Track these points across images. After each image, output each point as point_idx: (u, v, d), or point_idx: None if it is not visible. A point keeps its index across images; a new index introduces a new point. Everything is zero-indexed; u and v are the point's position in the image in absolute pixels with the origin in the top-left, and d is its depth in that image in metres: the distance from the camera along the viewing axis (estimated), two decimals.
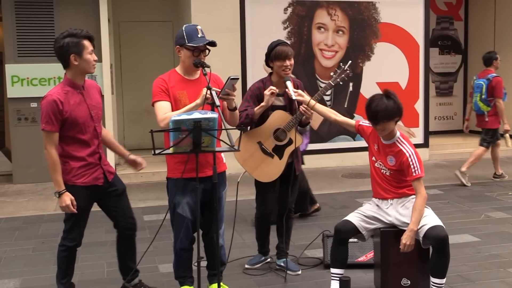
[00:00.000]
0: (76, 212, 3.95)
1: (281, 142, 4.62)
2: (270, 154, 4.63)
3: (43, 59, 9.09)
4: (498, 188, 8.15)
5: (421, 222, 3.99)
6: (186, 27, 3.86)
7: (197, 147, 3.48)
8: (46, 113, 3.86)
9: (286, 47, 4.56)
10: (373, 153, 4.24)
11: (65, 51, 3.89)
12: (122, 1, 10.68)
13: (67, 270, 4.18)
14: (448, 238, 3.92)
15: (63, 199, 3.89)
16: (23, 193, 8.50)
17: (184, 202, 3.86)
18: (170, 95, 3.82)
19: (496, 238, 5.80)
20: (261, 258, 5.07)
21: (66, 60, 3.91)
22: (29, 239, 6.09)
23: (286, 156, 4.62)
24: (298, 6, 9.87)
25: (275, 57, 4.54)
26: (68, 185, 3.94)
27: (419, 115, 10.65)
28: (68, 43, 3.88)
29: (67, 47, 3.89)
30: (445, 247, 3.91)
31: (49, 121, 3.86)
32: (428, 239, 3.94)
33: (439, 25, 12.81)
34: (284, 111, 4.60)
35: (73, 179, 3.97)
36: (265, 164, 4.63)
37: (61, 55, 3.93)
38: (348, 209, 6.71)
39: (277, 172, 4.64)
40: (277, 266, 4.94)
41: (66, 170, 3.95)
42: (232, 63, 9.35)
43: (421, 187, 4.03)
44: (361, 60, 10.26)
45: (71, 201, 3.89)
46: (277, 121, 4.59)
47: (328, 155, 10.03)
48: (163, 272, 4.94)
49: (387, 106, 3.99)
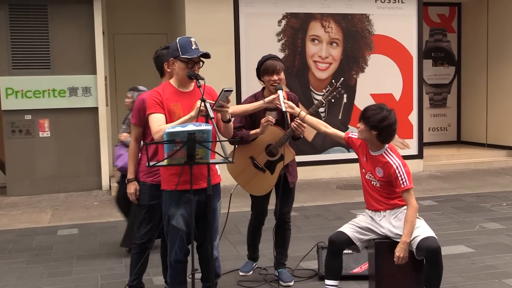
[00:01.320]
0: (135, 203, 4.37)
1: (273, 158, 4.66)
2: (262, 169, 4.68)
3: (38, 71, 9.11)
4: (493, 199, 8.16)
5: (414, 233, 3.99)
6: (180, 39, 3.87)
7: (191, 159, 3.48)
8: None
9: (276, 61, 4.58)
10: (362, 165, 4.26)
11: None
12: (117, 14, 10.71)
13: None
14: (441, 249, 3.92)
15: (128, 186, 4.29)
16: (17, 205, 8.47)
17: (178, 214, 3.85)
18: (164, 107, 3.83)
19: (491, 249, 5.81)
20: (253, 265, 5.15)
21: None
22: (22, 252, 6.06)
23: (278, 171, 4.67)
24: (292, 18, 9.92)
25: (264, 72, 4.59)
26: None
27: (413, 126, 10.68)
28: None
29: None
30: (437, 258, 3.90)
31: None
32: (421, 250, 3.94)
33: (432, 37, 12.89)
34: (276, 127, 4.63)
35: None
36: (257, 179, 4.69)
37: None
38: (343, 220, 6.71)
39: (269, 187, 4.72)
40: (275, 276, 4.94)
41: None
42: (227, 75, 9.38)
43: (411, 198, 4.03)
44: (355, 72, 10.31)
45: (135, 191, 4.27)
46: (269, 136, 4.63)
47: (322, 166, 10.05)
48: (158, 284, 4.92)
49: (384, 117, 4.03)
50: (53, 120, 9.17)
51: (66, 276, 5.27)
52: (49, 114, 9.17)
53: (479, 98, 12.38)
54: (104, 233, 6.77)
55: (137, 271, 4.42)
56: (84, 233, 6.71)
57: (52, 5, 9.15)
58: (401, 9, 10.46)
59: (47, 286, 5.04)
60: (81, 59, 9.29)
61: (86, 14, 9.24)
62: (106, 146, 9.44)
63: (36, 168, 9.23)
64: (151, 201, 4.24)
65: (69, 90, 9.20)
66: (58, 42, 9.21)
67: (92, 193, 9.13)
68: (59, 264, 5.61)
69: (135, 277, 4.44)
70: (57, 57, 9.20)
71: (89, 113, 9.32)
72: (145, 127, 4.17)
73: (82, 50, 9.31)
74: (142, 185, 4.28)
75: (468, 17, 12.81)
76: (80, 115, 9.32)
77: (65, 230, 6.90)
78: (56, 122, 9.14)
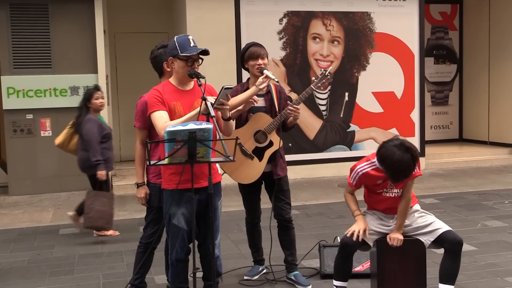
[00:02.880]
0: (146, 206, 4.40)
1: (261, 144, 4.63)
2: (250, 156, 4.64)
3: (39, 71, 9.11)
4: (495, 197, 8.15)
5: (433, 225, 4.02)
6: (177, 37, 3.87)
7: (192, 158, 3.47)
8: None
9: (260, 47, 4.66)
10: (377, 188, 4.13)
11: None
12: (118, 13, 10.70)
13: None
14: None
15: (138, 191, 4.33)
16: (18, 204, 8.48)
17: (179, 213, 3.85)
18: (165, 105, 3.82)
19: (493, 247, 5.80)
20: (259, 269, 5.06)
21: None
22: (24, 251, 6.07)
23: (266, 158, 4.63)
24: (293, 16, 9.90)
25: (249, 57, 4.65)
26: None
27: (414, 124, 10.66)
28: None
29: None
30: (460, 251, 3.95)
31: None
32: (443, 243, 3.97)
33: (434, 35, 12.87)
34: (265, 113, 4.63)
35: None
36: (245, 166, 4.64)
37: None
38: (345, 219, 6.70)
39: (256, 174, 4.66)
40: (287, 279, 4.88)
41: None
42: (228, 73, 9.37)
43: (410, 189, 4.02)
44: (357, 70, 10.29)
45: (145, 195, 4.30)
46: (258, 123, 4.63)
47: (324, 165, 10.04)
48: (159, 283, 4.92)
49: (409, 166, 3.79)
50: (55, 119, 9.17)
51: (67, 275, 5.28)
52: (50, 113, 9.17)
53: (481, 96, 12.36)
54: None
55: (141, 270, 4.42)
56: (85, 232, 6.70)
57: (53, 4, 9.15)
58: (402, 6, 10.44)
59: (48, 285, 5.04)
60: (82, 58, 9.29)
61: (87, 13, 9.24)
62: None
63: (37, 167, 9.23)
64: (161, 203, 4.19)
65: (70, 89, 9.20)
66: (59, 41, 9.21)
67: None
68: (60, 263, 5.61)
69: (138, 276, 4.44)
70: (58, 56, 9.20)
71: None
72: (150, 129, 4.17)
73: (83, 49, 9.30)
74: (152, 186, 4.28)
75: (469, 15, 12.78)
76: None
77: (67, 229, 6.90)
78: (58, 121, 9.13)
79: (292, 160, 9.53)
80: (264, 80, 4.47)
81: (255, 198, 4.89)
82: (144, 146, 4.25)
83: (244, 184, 4.77)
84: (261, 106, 4.69)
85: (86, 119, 6.29)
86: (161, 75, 4.31)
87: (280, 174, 4.74)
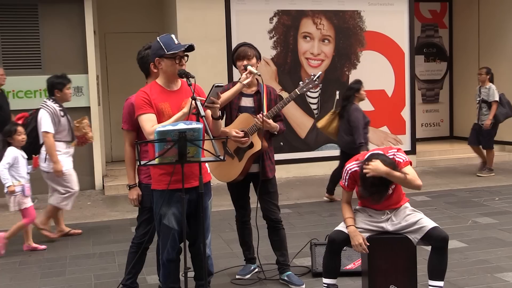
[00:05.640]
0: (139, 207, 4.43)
1: (242, 145, 4.63)
2: (231, 155, 4.67)
3: (29, 71, 9.06)
4: (485, 193, 8.19)
5: (419, 223, 4.03)
6: (161, 37, 3.88)
7: (182, 158, 3.47)
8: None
9: (248, 48, 4.68)
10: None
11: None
12: (108, 13, 10.67)
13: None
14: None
15: (130, 192, 4.36)
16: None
17: (170, 213, 3.85)
18: (153, 107, 3.81)
19: (484, 243, 5.83)
20: (251, 268, 5.06)
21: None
22: (15, 252, 6.04)
23: (245, 158, 4.64)
24: (284, 15, 9.91)
25: (236, 58, 4.70)
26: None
27: (405, 122, 10.70)
28: None
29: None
30: (446, 247, 3.98)
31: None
32: (430, 239, 3.98)
33: (424, 33, 12.91)
34: (249, 114, 4.64)
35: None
36: (225, 164, 4.66)
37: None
38: (336, 217, 6.72)
39: (235, 174, 4.67)
40: (280, 280, 4.87)
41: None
42: (219, 72, 9.35)
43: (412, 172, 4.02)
44: (347, 69, 10.31)
45: (137, 196, 4.32)
46: (242, 123, 4.64)
47: (316, 163, 10.05)
48: (151, 284, 4.92)
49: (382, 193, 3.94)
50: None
51: (59, 276, 5.27)
52: None
53: (471, 93, 12.35)
54: (97, 233, 6.75)
55: (132, 270, 4.42)
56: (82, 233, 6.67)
57: (42, 4, 9.11)
58: (392, 5, 10.46)
59: (40, 286, 5.03)
60: (72, 59, 9.25)
61: (77, 14, 9.20)
62: (98, 146, 9.41)
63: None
64: (153, 203, 4.23)
65: None
66: (49, 41, 9.17)
67: (85, 192, 9.11)
68: (52, 265, 5.60)
69: (130, 276, 4.43)
70: (48, 56, 9.16)
71: (81, 112, 9.25)
72: (138, 131, 4.16)
73: (73, 49, 9.27)
74: (144, 187, 4.28)
75: (459, 13, 12.83)
76: (72, 115, 9.21)
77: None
78: None
79: (283, 159, 9.55)
80: (248, 76, 4.51)
81: (243, 196, 4.92)
82: (133, 148, 4.26)
83: (231, 182, 4.79)
84: (250, 106, 4.70)
85: (353, 108, 7.39)
86: (148, 76, 4.31)
87: (268, 176, 4.74)
